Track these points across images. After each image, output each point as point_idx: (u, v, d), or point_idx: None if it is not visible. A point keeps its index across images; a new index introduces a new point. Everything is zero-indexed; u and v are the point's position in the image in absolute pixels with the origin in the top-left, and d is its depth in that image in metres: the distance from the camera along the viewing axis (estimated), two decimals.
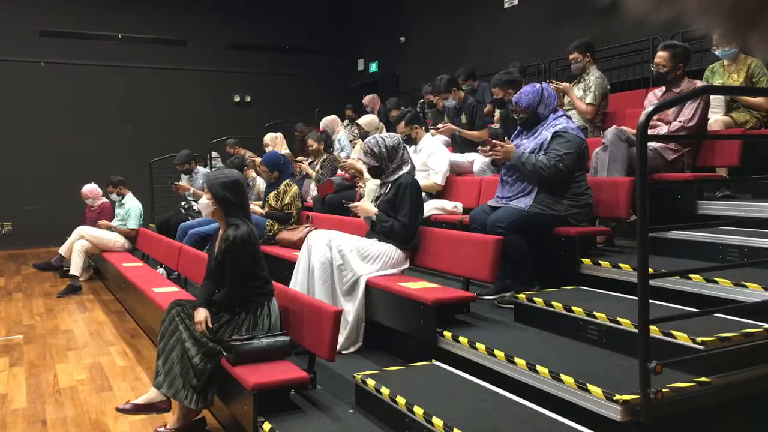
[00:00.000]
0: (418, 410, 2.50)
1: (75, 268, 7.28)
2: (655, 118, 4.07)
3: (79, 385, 4.14)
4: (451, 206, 4.98)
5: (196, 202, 7.49)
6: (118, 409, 3.31)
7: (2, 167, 10.39)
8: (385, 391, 2.74)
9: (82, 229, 7.60)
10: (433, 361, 3.17)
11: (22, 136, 10.57)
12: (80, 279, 7.41)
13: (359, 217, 4.37)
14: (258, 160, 7.23)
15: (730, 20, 0.65)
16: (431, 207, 4.91)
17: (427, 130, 5.81)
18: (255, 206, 5.66)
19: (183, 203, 7.66)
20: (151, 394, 3.22)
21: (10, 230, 10.74)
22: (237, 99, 12.34)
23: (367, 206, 4.17)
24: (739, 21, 0.65)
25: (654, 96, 4.49)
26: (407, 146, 4.48)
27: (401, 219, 3.92)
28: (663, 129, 4.22)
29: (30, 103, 10.65)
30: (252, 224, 3.35)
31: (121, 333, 5.46)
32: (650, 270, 2.21)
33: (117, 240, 7.55)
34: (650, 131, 3.98)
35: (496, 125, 5.96)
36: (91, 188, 8.01)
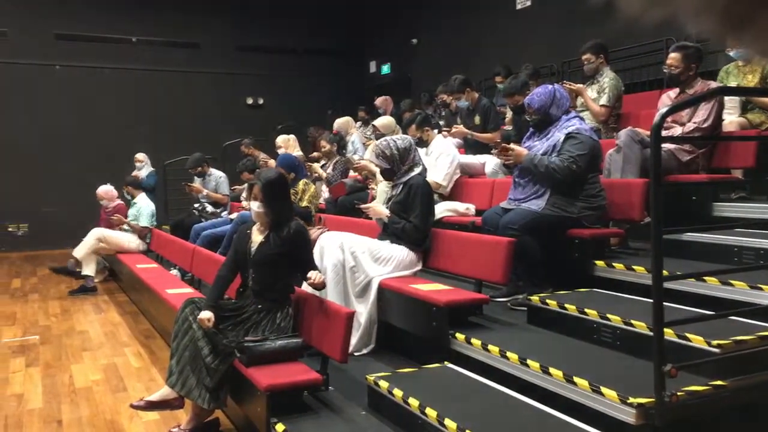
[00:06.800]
0: (431, 412, 2.50)
1: (88, 269, 7.36)
2: (669, 119, 4.05)
3: (94, 385, 4.18)
4: (464, 208, 4.96)
5: (209, 203, 7.54)
6: (132, 406, 3.33)
7: (19, 169, 10.50)
8: (397, 392, 2.74)
9: (98, 231, 7.68)
10: (446, 363, 3.17)
11: (38, 138, 10.68)
12: (96, 280, 7.48)
13: (371, 218, 4.38)
14: (271, 162, 7.25)
15: (724, 20, 0.64)
16: (443, 209, 4.90)
17: (439, 132, 5.80)
18: None
19: (196, 205, 7.71)
20: (164, 391, 3.24)
21: (26, 231, 10.85)
22: (250, 101, 12.39)
23: (378, 208, 4.18)
24: (733, 21, 0.64)
25: (668, 98, 4.46)
26: (418, 148, 4.48)
27: (412, 220, 3.92)
28: (677, 130, 4.19)
29: (45, 106, 10.76)
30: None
31: (136, 334, 5.50)
32: (664, 272, 2.20)
33: (132, 241, 7.62)
34: (664, 132, 3.95)
35: (509, 127, 5.95)
36: (106, 189, 8.09)
